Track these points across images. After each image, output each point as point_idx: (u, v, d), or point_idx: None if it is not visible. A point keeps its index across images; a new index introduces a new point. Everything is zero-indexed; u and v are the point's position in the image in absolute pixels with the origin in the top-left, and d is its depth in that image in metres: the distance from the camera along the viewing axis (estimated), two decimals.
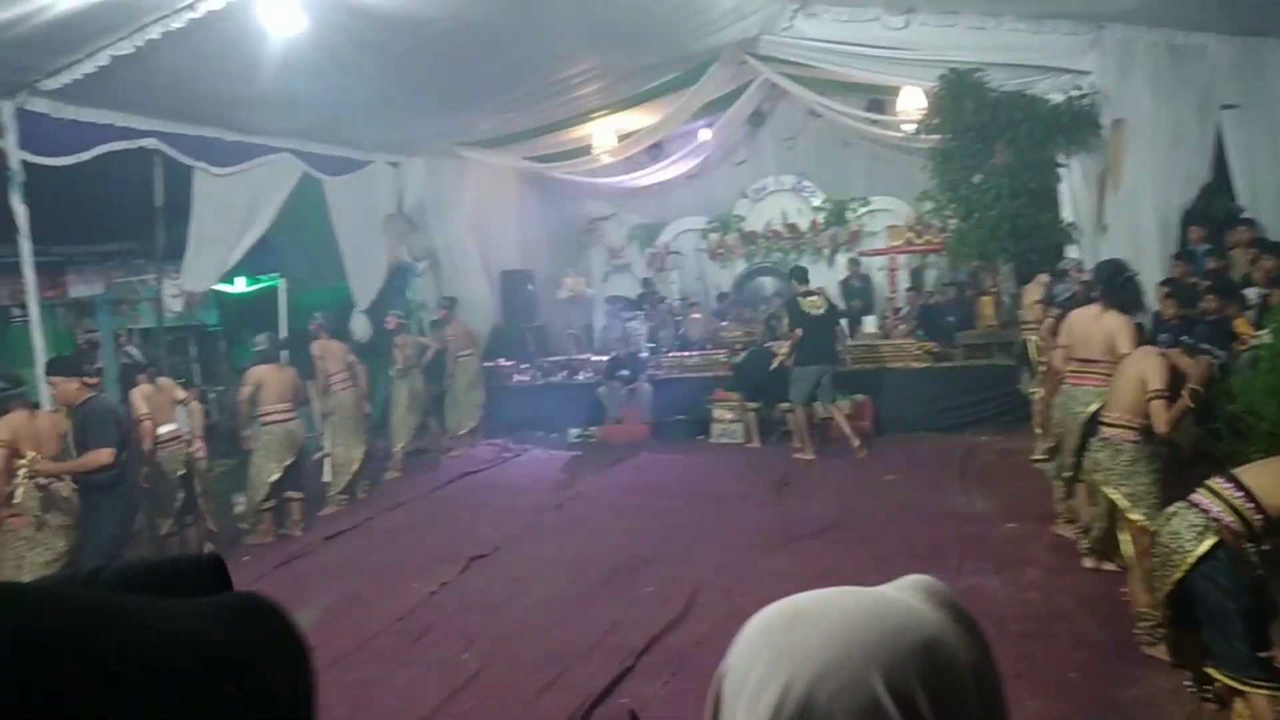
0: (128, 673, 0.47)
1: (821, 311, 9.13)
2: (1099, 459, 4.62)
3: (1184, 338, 4.67)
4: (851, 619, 0.66)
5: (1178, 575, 3.35)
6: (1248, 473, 3.48)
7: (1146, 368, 4.48)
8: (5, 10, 5.54)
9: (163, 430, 6.84)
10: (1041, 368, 7.30)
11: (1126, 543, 4.35)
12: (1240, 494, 3.39)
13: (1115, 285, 5.36)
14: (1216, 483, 3.49)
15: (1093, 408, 5.34)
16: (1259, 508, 3.32)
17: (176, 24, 6.22)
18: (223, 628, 0.54)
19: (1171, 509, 3.63)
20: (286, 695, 0.58)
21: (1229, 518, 3.34)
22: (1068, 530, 5.98)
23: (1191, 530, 3.36)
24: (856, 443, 8.99)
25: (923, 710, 0.63)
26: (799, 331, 9.03)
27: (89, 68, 6.63)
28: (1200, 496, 3.50)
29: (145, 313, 10.99)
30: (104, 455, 5.60)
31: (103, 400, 5.95)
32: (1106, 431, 4.64)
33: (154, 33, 6.30)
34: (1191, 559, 3.29)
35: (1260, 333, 5.72)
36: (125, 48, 6.42)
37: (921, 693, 0.63)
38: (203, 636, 0.53)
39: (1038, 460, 7.27)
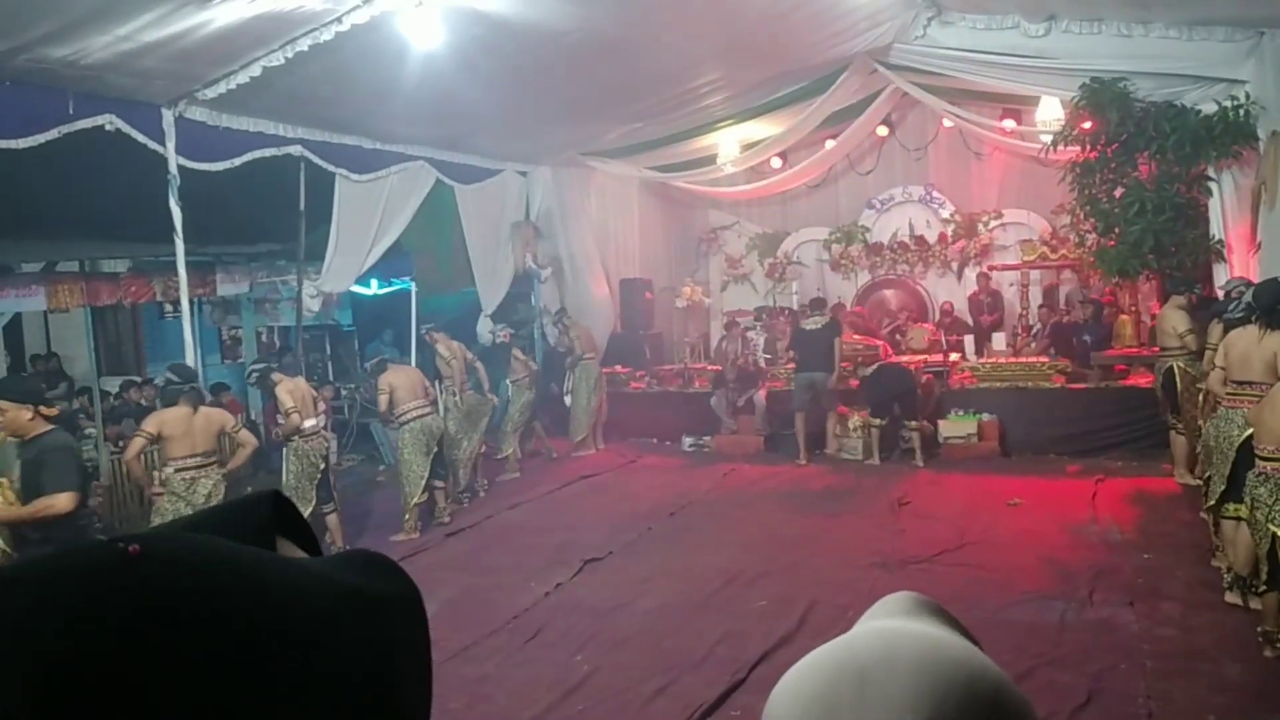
0: (303, 620, 0.53)
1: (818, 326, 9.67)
2: (1259, 495, 4.33)
3: None
4: (926, 668, 0.61)
5: None
6: None
7: None
8: (170, 26, 5.91)
9: (307, 425, 7.18)
10: (1198, 391, 6.89)
11: None
12: None
13: (1278, 308, 5.06)
14: None
15: (1249, 432, 5.07)
16: None
17: (325, 36, 6.53)
18: (354, 572, 0.60)
19: None
20: (420, 634, 0.63)
21: None
22: (1222, 563, 5.65)
23: None
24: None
25: None
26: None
27: (243, 78, 7.02)
28: None
29: (285, 311, 11.52)
30: (63, 501, 4.35)
31: (61, 436, 4.71)
32: (1264, 466, 4.34)
33: (303, 45, 6.62)
34: None
35: None
36: (276, 59, 6.77)
37: None
38: (342, 580, 0.58)
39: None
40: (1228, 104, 8.19)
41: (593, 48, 7.77)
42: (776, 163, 12.91)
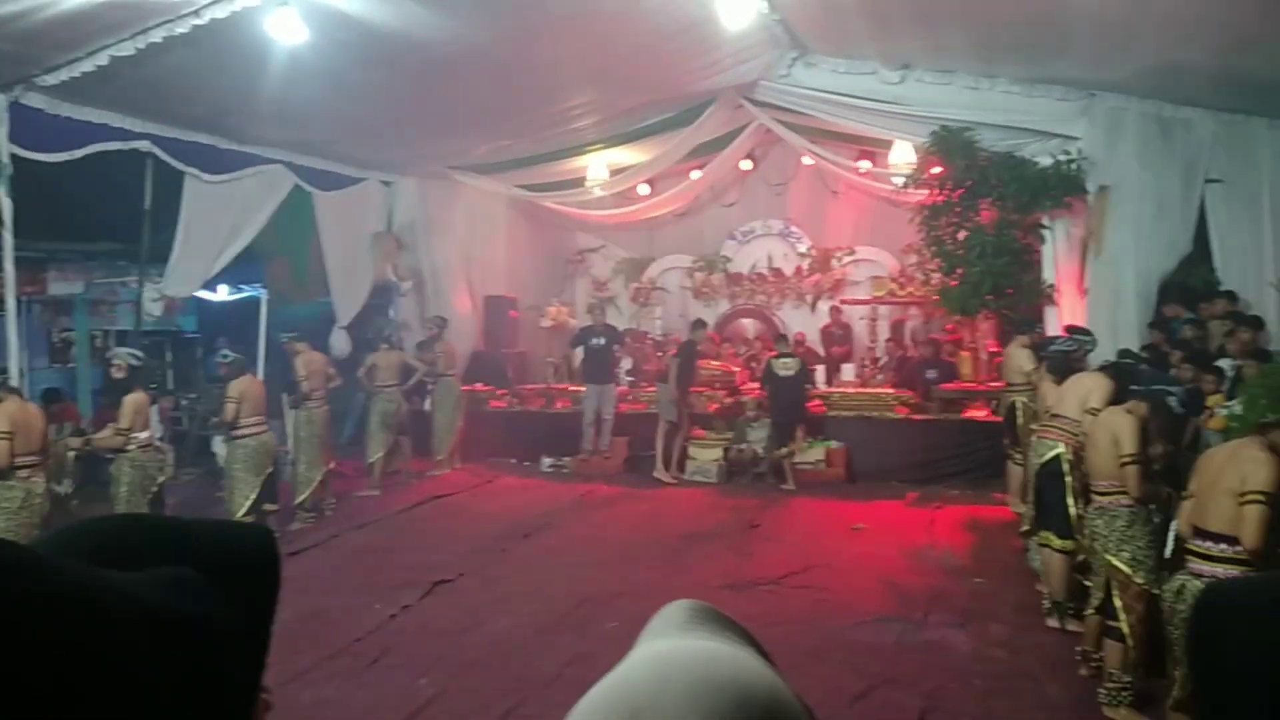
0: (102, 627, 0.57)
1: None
2: (1095, 527, 4.61)
3: (1135, 386, 4.69)
4: (696, 698, 0.60)
5: None
6: (1213, 522, 3.57)
7: (1118, 428, 4.51)
8: (8, 4, 5.54)
9: (143, 435, 6.79)
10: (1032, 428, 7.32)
11: (1126, 609, 4.33)
12: (1223, 545, 3.50)
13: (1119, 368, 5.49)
14: (1199, 545, 3.60)
15: (1048, 456, 5.45)
16: (1242, 548, 3.42)
17: (180, 29, 6.25)
18: (163, 592, 0.64)
19: (1176, 583, 3.71)
20: (231, 653, 0.68)
21: (1233, 569, 3.42)
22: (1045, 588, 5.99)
23: None
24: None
25: None
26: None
27: (88, 66, 6.64)
28: (1197, 565, 3.59)
29: (124, 314, 10.89)
30: None
31: None
32: (1099, 500, 4.64)
33: (157, 36, 6.32)
34: None
35: (1231, 403, 5.79)
36: (127, 49, 6.43)
37: None
38: (146, 598, 0.62)
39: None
40: (1062, 158, 8.79)
41: (464, 61, 7.69)
42: (644, 189, 13.10)
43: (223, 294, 11.59)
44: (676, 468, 10.28)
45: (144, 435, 6.84)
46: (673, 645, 0.68)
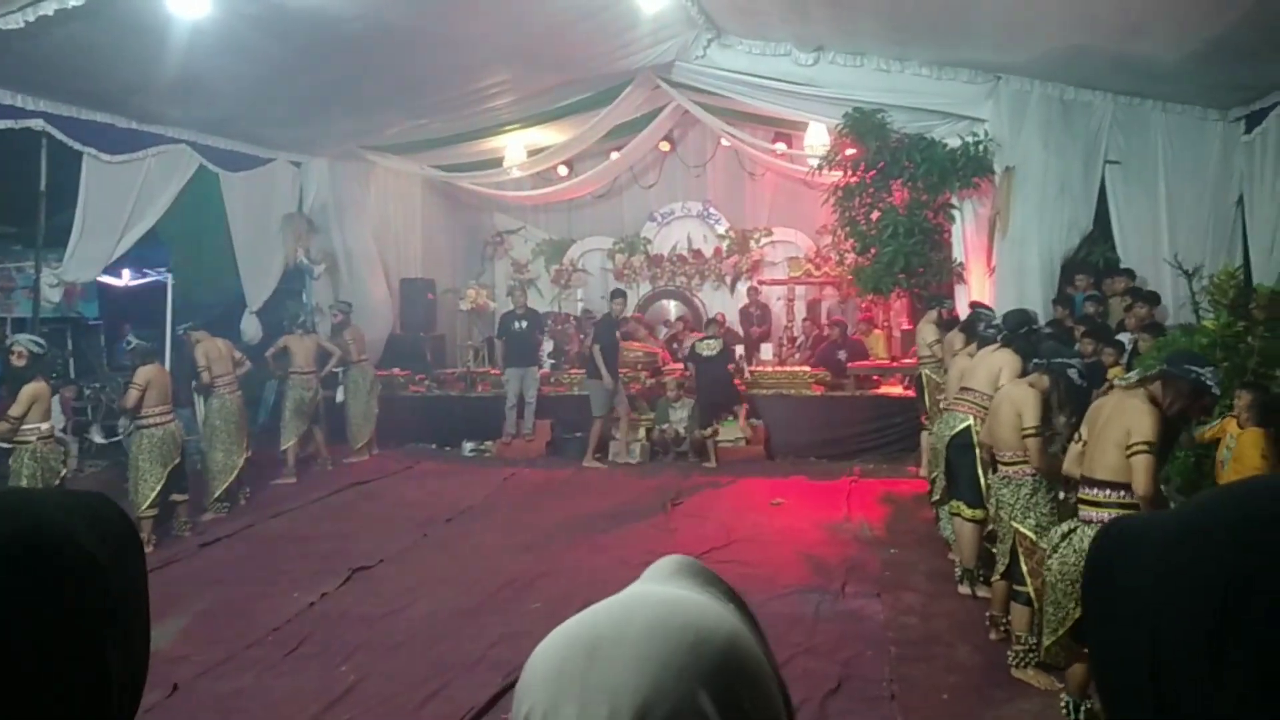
0: None
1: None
2: (1001, 496, 4.77)
3: (1038, 360, 4.86)
4: (655, 635, 0.62)
5: None
6: (1100, 470, 3.74)
7: (1020, 401, 4.67)
8: None
9: (44, 426, 6.52)
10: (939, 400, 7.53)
11: (1032, 573, 4.49)
12: (1109, 491, 3.66)
13: (1018, 335, 5.63)
14: (1089, 494, 3.75)
15: (958, 428, 5.62)
16: (1130, 492, 3.58)
17: (74, 1, 5.97)
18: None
19: (1063, 528, 3.86)
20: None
21: (1119, 513, 3.59)
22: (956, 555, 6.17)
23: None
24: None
25: (748, 710, 0.63)
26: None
27: None
28: (1087, 512, 3.74)
29: (21, 301, 10.42)
30: None
31: None
32: (1004, 470, 4.81)
33: (47, 8, 6.03)
34: None
35: (1129, 375, 6.03)
36: (14, 21, 6.12)
37: (743, 692, 0.63)
38: None
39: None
40: (970, 139, 9.03)
41: (375, 37, 7.54)
42: (564, 170, 13.04)
43: (126, 279, 11.17)
44: (602, 452, 10.30)
45: (45, 426, 6.57)
46: (645, 589, 0.71)
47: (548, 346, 12.06)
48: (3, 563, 0.67)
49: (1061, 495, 4.79)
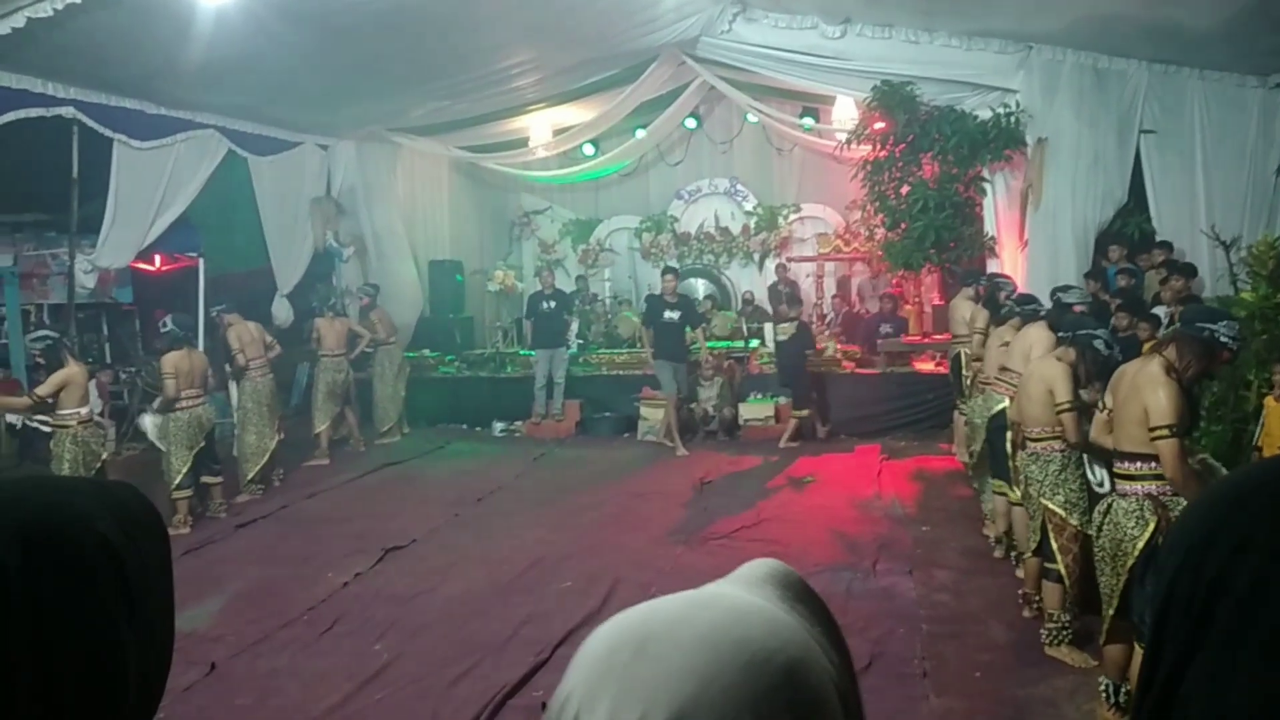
0: None
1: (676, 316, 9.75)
2: (1030, 473, 4.70)
3: (1063, 333, 4.75)
4: (709, 644, 0.59)
5: (1130, 562, 3.53)
6: (1126, 444, 3.67)
7: (1050, 377, 4.59)
8: None
9: (82, 411, 6.62)
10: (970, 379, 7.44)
11: (1062, 550, 4.44)
12: (1140, 464, 3.59)
13: (1052, 309, 5.54)
14: (1122, 467, 3.71)
15: (996, 409, 5.55)
16: (1158, 463, 3.51)
17: None
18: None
19: (1103, 505, 3.79)
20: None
21: (1151, 485, 3.55)
22: (991, 531, 6.12)
23: (1129, 516, 3.54)
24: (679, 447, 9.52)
25: None
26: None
27: (3, 29, 6.34)
28: (1122, 485, 3.68)
29: (56, 288, 10.58)
30: None
31: None
32: (1032, 446, 4.74)
33: None
34: (1142, 543, 3.51)
35: None
36: (44, 10, 6.17)
37: None
38: None
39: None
40: (1001, 111, 8.88)
41: (399, 18, 7.52)
42: (590, 150, 12.98)
43: (159, 264, 11.29)
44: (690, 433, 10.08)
45: (84, 411, 6.67)
46: (719, 591, 0.67)
47: (575, 327, 12.06)
48: (18, 546, 0.68)
49: (1096, 475, 4.70)
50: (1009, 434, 5.44)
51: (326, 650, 4.91)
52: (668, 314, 9.72)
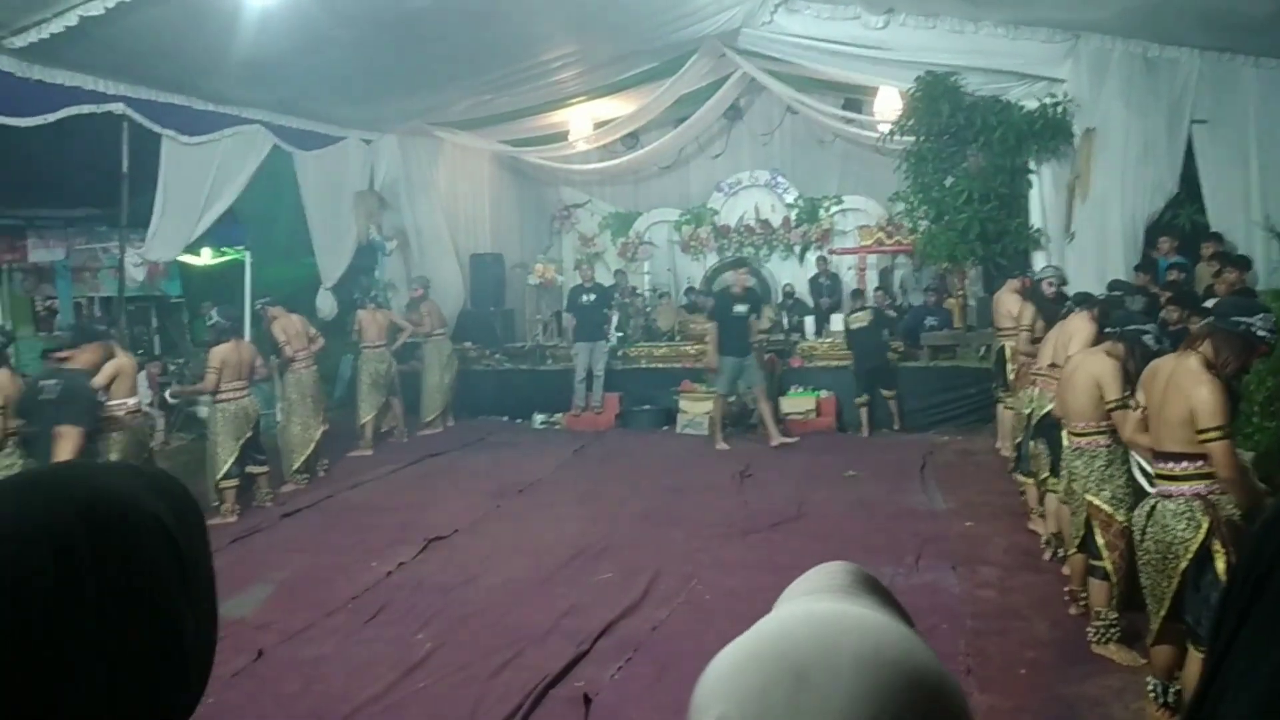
0: None
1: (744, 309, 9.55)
2: (1075, 468, 4.63)
3: (1109, 328, 4.64)
4: (868, 668, 0.59)
5: (1182, 565, 3.45)
6: (1168, 444, 3.57)
7: (1100, 373, 4.50)
8: None
9: (130, 401, 6.75)
10: (1015, 374, 7.34)
11: (1109, 546, 4.37)
12: (1185, 463, 3.50)
13: (1108, 307, 5.44)
14: (1164, 468, 3.60)
15: (1048, 408, 5.46)
16: (1208, 461, 3.43)
17: None
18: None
19: (1146, 505, 3.70)
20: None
21: (1199, 485, 3.46)
22: (1039, 526, 6.03)
23: (1179, 518, 3.46)
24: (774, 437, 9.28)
25: None
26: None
27: (56, 27, 6.49)
28: (1165, 486, 3.59)
29: (107, 281, 10.79)
30: None
31: None
32: (1076, 441, 4.66)
33: None
34: (1195, 545, 3.42)
35: None
36: (95, 8, 6.29)
37: None
38: None
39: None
40: (1047, 101, 8.74)
41: (441, 14, 7.57)
42: (629, 141, 12.97)
43: (206, 257, 11.48)
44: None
45: (132, 401, 6.79)
46: (839, 609, 0.67)
47: (614, 319, 12.07)
48: (83, 526, 0.69)
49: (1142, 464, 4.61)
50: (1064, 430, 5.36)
51: (370, 639, 4.97)
52: (737, 308, 9.57)
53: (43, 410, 5.52)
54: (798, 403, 10.11)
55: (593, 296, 10.79)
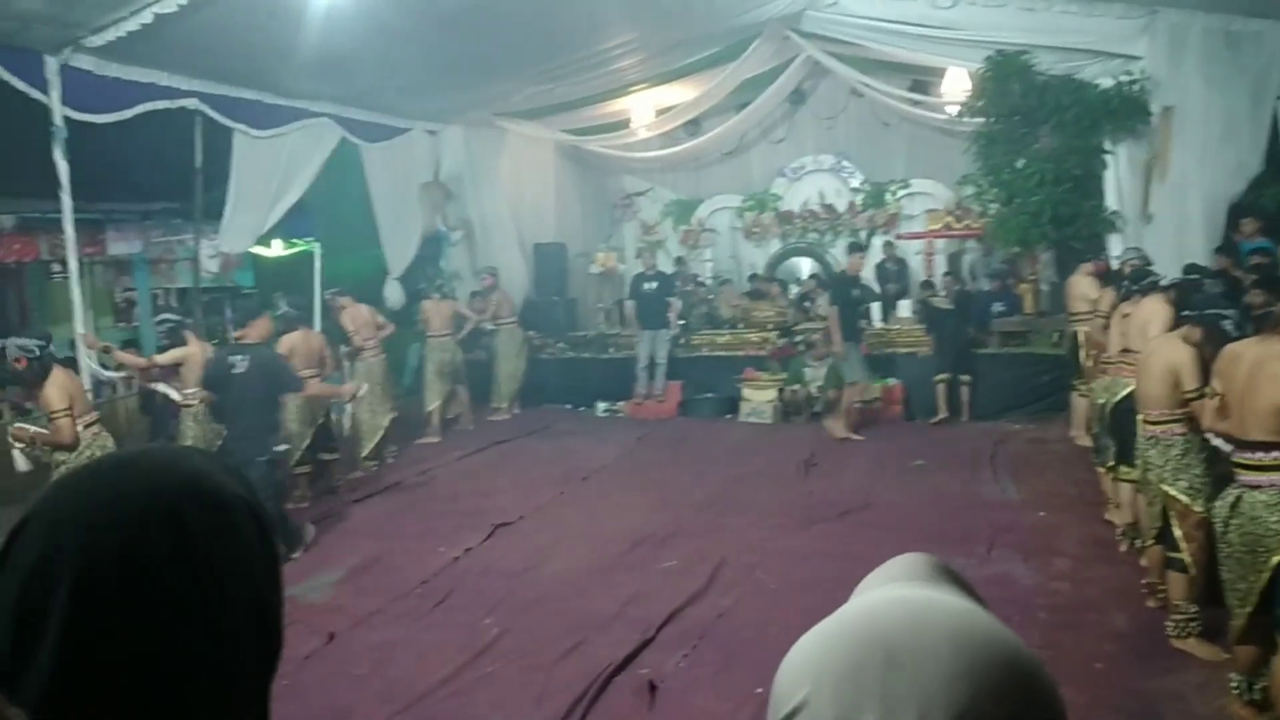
0: None
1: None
2: (1150, 458, 4.50)
3: (1186, 313, 4.46)
4: (962, 648, 0.60)
5: (1276, 558, 3.34)
6: (1254, 432, 3.44)
7: (1177, 361, 4.35)
8: None
9: (189, 392, 6.93)
10: (1090, 360, 7.15)
11: (1187, 538, 4.24)
12: (1274, 452, 3.38)
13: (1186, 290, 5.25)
14: (1248, 457, 3.45)
15: (1122, 394, 5.31)
16: None
17: None
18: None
19: (1229, 497, 3.58)
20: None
21: None
22: (1115, 516, 5.87)
23: (1271, 509, 3.34)
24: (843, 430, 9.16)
25: None
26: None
27: (133, 25, 6.65)
28: (1250, 477, 3.46)
29: (182, 273, 11.08)
30: None
31: None
32: (1151, 430, 4.52)
33: None
34: None
35: None
36: (169, 5, 6.43)
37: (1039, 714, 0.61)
38: None
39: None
40: (1123, 79, 8.46)
41: (502, 3, 7.60)
42: (690, 128, 12.90)
43: (277, 249, 11.73)
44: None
45: (205, 391, 6.97)
46: (925, 594, 0.67)
47: (676, 307, 12.04)
48: (195, 502, 0.71)
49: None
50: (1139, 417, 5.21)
51: (438, 623, 5.04)
52: (855, 292, 9.53)
53: (231, 383, 6.15)
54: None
55: (655, 284, 10.78)
